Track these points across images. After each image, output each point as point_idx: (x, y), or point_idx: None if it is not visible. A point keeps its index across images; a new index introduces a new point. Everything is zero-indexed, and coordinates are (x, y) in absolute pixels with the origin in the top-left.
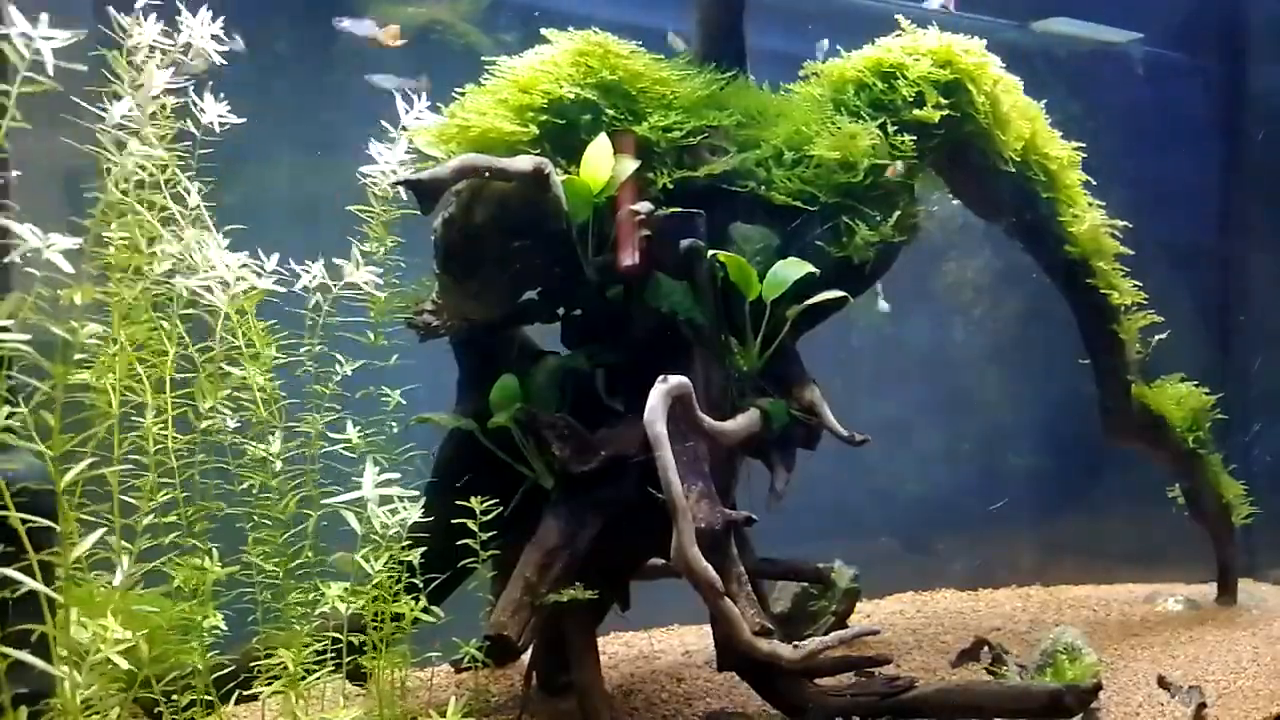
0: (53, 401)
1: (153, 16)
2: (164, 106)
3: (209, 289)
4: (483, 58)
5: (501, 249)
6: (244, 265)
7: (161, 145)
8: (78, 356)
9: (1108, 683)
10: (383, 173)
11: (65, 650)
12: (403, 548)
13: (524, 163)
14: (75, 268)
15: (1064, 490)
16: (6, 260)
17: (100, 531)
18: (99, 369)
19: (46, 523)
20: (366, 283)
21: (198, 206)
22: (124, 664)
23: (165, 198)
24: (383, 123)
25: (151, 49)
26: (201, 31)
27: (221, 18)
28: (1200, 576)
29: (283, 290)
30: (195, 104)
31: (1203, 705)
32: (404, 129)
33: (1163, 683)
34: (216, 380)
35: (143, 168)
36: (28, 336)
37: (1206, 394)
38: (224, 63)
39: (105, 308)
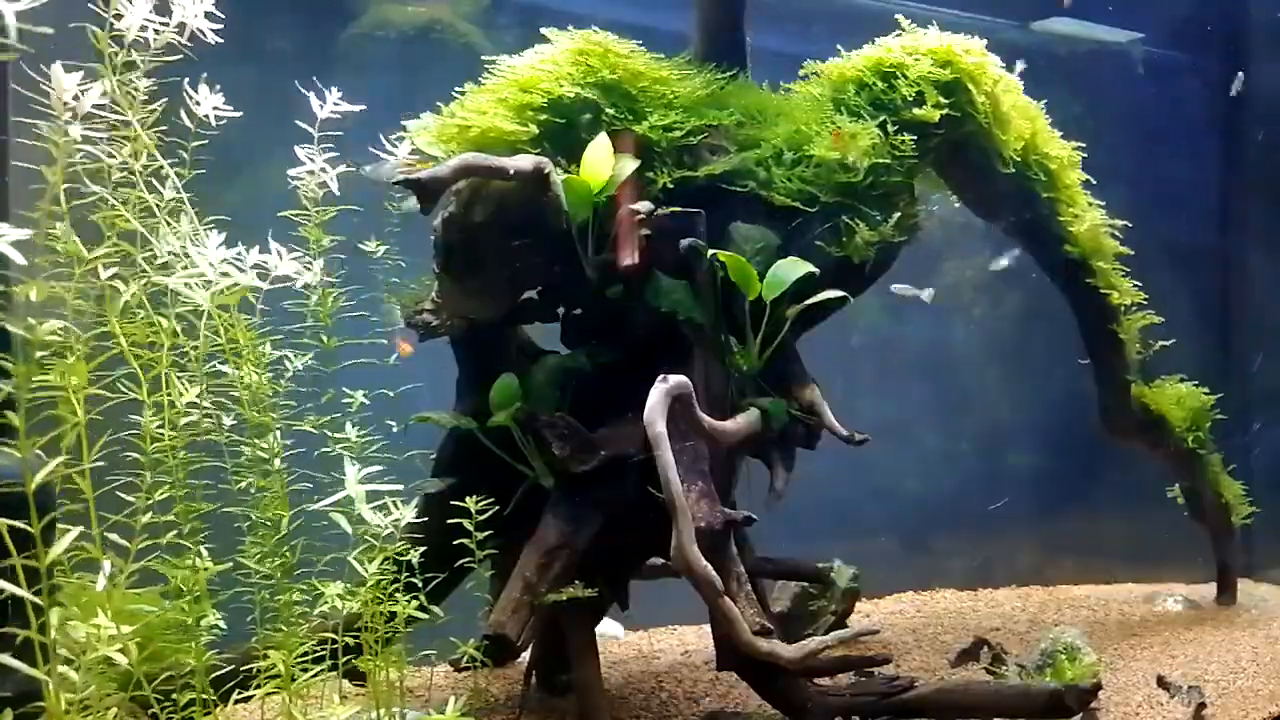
0: (19, 401)
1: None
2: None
3: (191, 286)
4: (483, 57)
5: (501, 248)
6: (225, 261)
7: (136, 137)
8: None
9: (1107, 683)
10: (310, 173)
11: (59, 650)
12: (396, 547)
13: (524, 162)
14: (29, 261)
15: (1063, 490)
16: None
17: (78, 530)
18: (65, 368)
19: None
20: (297, 273)
21: (176, 198)
22: (122, 660)
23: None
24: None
25: (142, 30)
26: (194, 10)
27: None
28: (1200, 576)
29: (269, 287)
30: (191, 96)
31: (1202, 705)
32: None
33: (1162, 683)
34: (203, 378)
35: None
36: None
37: (1206, 394)
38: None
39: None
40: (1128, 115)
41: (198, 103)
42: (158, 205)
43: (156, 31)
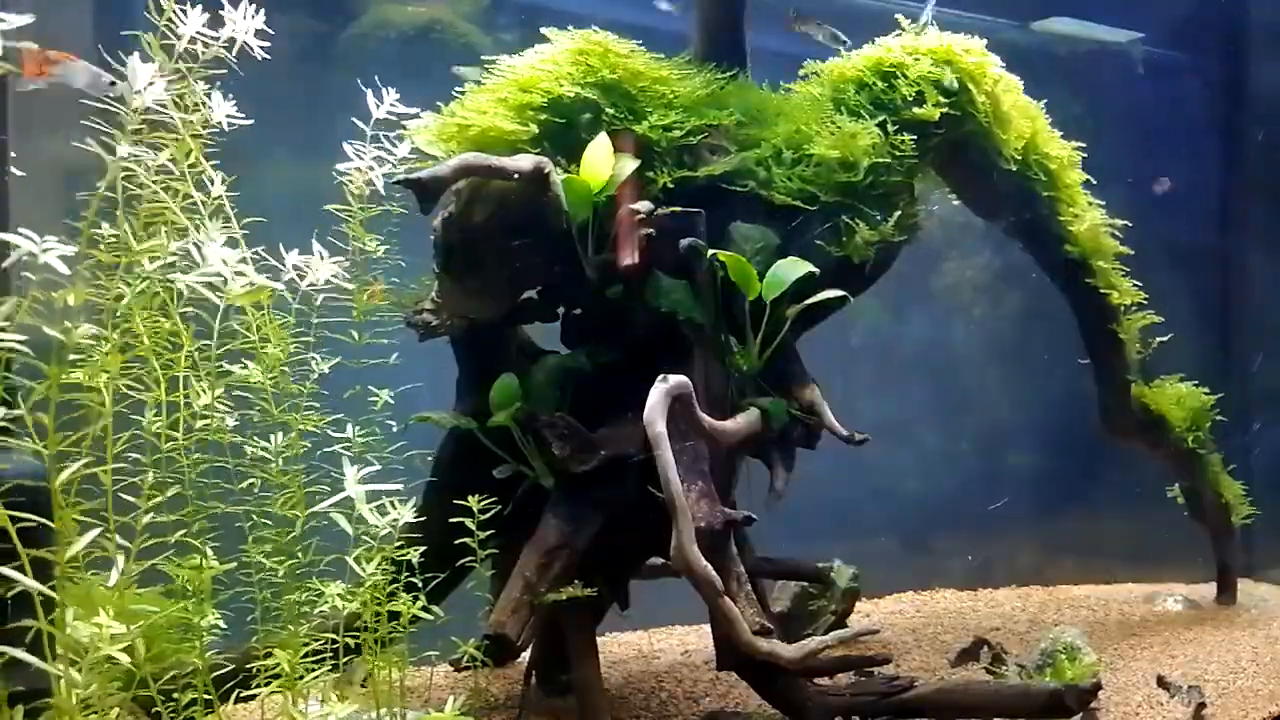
0: (49, 401)
1: (197, 9)
2: (185, 103)
3: (210, 286)
4: (483, 57)
5: (501, 248)
6: (243, 260)
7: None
8: (74, 355)
9: (1107, 683)
10: (359, 169)
11: (63, 648)
12: (398, 547)
13: (524, 162)
14: (70, 269)
15: (1063, 490)
16: (4, 264)
17: (96, 530)
18: (93, 368)
19: (43, 520)
20: (335, 276)
21: (219, 198)
22: (125, 659)
23: (173, 195)
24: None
25: (192, 42)
26: (245, 26)
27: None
28: (1200, 576)
29: (279, 289)
30: (204, 103)
31: (1202, 705)
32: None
33: (1162, 682)
34: (213, 378)
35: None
36: (23, 336)
37: (1206, 394)
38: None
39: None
40: (1128, 115)
41: (211, 109)
42: (204, 200)
43: (205, 45)
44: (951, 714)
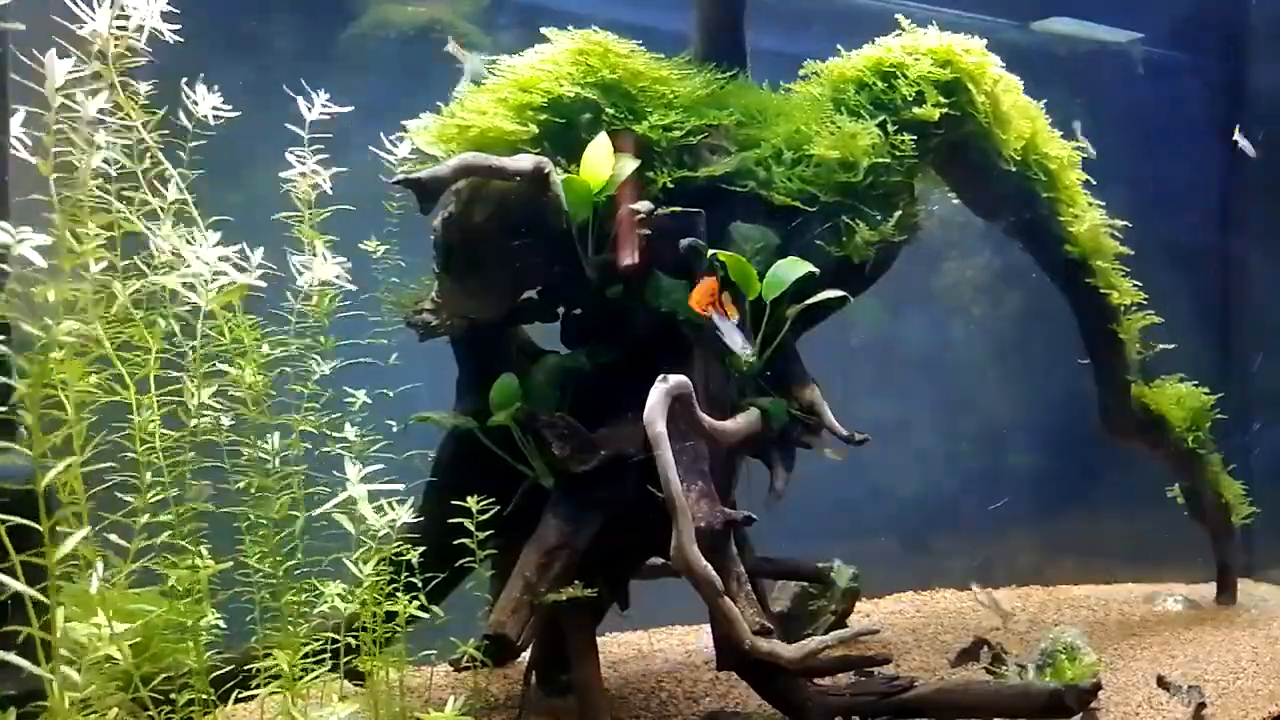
0: (44, 400)
1: (106, 4)
2: (135, 102)
3: (190, 286)
4: (483, 57)
5: (501, 248)
6: (223, 259)
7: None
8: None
9: (1107, 683)
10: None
11: (65, 648)
12: (397, 548)
13: (524, 161)
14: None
15: (1063, 490)
16: None
17: (83, 531)
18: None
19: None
20: (338, 277)
21: (180, 200)
22: (121, 659)
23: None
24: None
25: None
26: (150, 10)
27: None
28: (1200, 576)
29: (264, 286)
30: (189, 96)
31: (1202, 705)
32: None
33: (1162, 683)
34: (200, 379)
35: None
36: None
37: (1206, 394)
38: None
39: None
40: (1128, 115)
41: (196, 103)
42: (161, 207)
43: (116, 37)
44: (951, 714)
